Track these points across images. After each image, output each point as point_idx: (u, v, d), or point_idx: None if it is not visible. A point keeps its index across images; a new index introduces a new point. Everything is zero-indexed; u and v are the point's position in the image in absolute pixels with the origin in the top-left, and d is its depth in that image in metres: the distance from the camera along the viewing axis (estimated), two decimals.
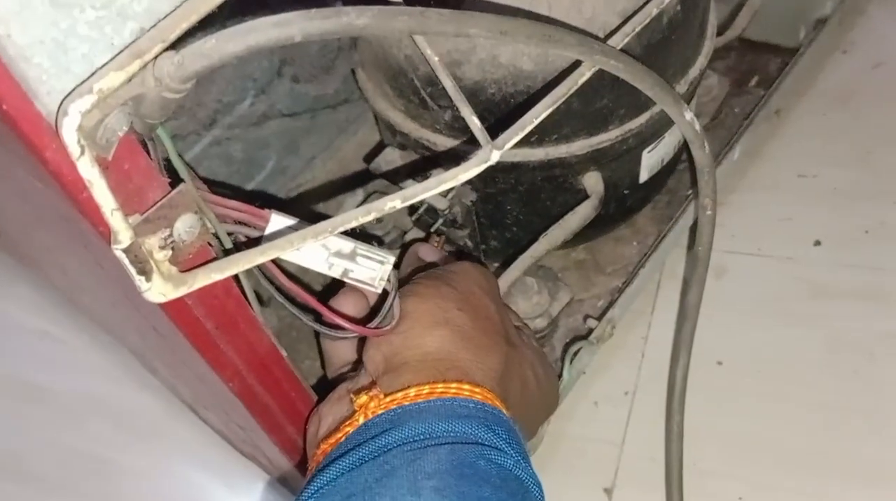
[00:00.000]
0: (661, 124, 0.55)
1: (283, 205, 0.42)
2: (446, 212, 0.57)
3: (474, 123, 0.37)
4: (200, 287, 0.35)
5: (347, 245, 0.41)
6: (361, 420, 0.39)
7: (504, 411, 0.40)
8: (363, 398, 0.39)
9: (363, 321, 0.45)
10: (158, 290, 0.34)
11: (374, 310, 0.48)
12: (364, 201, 0.66)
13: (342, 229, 0.35)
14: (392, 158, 0.58)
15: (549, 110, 0.39)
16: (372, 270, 0.41)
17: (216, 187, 0.38)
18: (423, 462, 0.35)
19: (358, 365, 0.46)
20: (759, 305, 0.65)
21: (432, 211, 0.57)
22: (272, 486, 0.63)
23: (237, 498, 0.65)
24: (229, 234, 0.38)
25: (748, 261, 0.68)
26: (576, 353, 0.56)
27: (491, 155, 0.37)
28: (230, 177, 0.66)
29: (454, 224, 0.59)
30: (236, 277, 0.40)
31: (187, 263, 0.35)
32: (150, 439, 0.69)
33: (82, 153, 0.29)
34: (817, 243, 0.68)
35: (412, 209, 0.59)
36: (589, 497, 0.58)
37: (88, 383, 0.73)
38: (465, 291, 0.45)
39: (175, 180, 0.35)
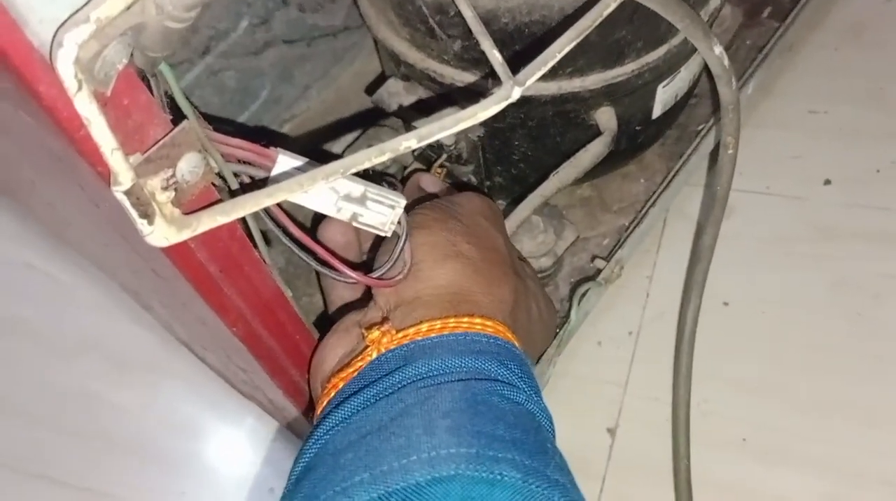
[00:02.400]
0: (679, 58, 0.52)
1: (288, 144, 0.39)
2: (452, 147, 0.55)
3: (495, 57, 0.35)
4: (205, 230, 0.33)
5: (357, 188, 0.39)
6: (374, 355, 0.38)
7: (516, 344, 0.39)
8: (375, 333, 0.38)
9: (369, 267, 0.43)
10: (161, 234, 0.32)
11: (374, 250, 0.46)
12: (359, 137, 0.64)
13: (353, 171, 0.33)
14: (395, 90, 0.55)
15: (574, 43, 0.37)
16: (382, 214, 0.39)
17: (212, 121, 0.36)
18: (438, 400, 0.34)
19: (362, 302, 0.44)
20: (766, 245, 0.64)
21: (436, 145, 0.55)
22: (261, 418, 0.62)
23: (227, 430, 0.65)
24: (235, 175, 0.36)
25: (756, 200, 0.66)
26: (584, 294, 0.55)
27: (512, 91, 0.35)
28: (223, 108, 0.63)
29: (459, 159, 0.57)
30: (242, 218, 0.38)
31: (190, 205, 0.33)
32: (141, 373, 0.68)
33: (79, 88, 0.26)
34: (827, 182, 0.66)
35: None
36: (592, 437, 0.58)
37: (77, 317, 0.72)
38: (471, 223, 0.44)
39: (176, 117, 0.33)
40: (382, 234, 0.39)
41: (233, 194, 0.37)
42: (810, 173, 0.67)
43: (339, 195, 0.38)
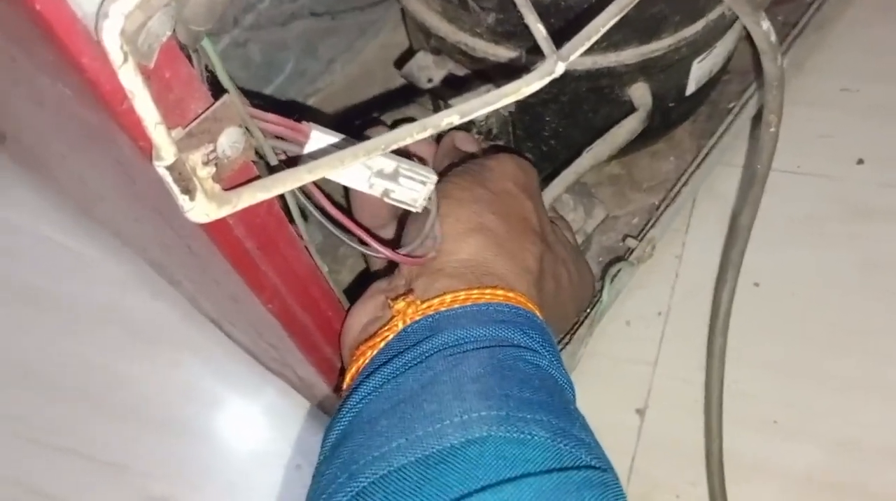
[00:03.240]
0: (716, 32, 0.51)
1: (317, 118, 0.39)
2: (482, 122, 0.54)
3: (539, 31, 0.34)
4: (245, 207, 0.32)
5: (390, 164, 0.38)
6: (400, 326, 0.38)
7: (538, 313, 0.40)
8: (401, 303, 0.39)
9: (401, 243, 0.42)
10: (202, 210, 0.31)
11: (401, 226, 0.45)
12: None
13: (395, 147, 0.33)
14: (426, 63, 0.54)
15: (618, 17, 0.36)
16: (413, 190, 0.39)
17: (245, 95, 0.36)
18: (466, 367, 0.35)
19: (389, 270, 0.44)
20: (797, 225, 0.63)
21: (467, 121, 0.54)
22: (287, 395, 0.62)
23: (251, 406, 0.65)
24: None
25: (787, 179, 0.65)
26: (616, 274, 0.54)
27: (556, 67, 0.34)
28: (249, 82, 0.63)
29: (489, 135, 0.56)
30: (280, 195, 0.38)
31: (230, 180, 0.33)
32: (163, 347, 0.68)
33: (125, 60, 0.26)
34: (860, 162, 0.65)
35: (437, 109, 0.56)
36: (622, 417, 0.57)
37: (99, 291, 0.72)
38: (499, 190, 0.43)
39: (214, 92, 0.32)
40: (414, 210, 0.39)
41: (271, 170, 0.36)
42: (842, 152, 0.66)
43: (371, 171, 0.38)
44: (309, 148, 0.37)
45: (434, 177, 0.39)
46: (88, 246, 0.72)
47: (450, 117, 0.33)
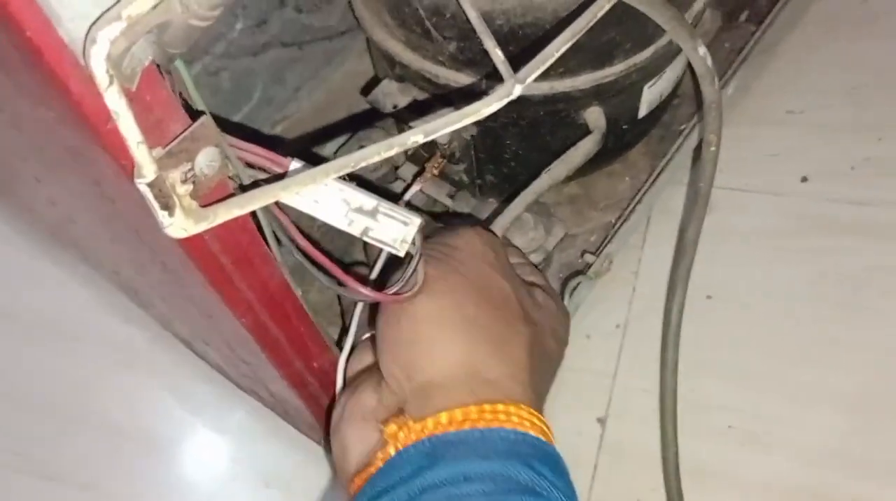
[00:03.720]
0: (665, 59, 0.54)
1: (300, 154, 0.40)
2: (445, 146, 0.57)
3: (497, 56, 0.37)
4: (221, 222, 0.34)
5: (369, 201, 0.38)
6: (392, 452, 0.37)
7: (546, 435, 0.37)
8: (392, 427, 0.37)
9: (381, 286, 0.42)
10: (180, 225, 0.33)
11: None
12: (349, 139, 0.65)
13: (364, 164, 0.35)
14: (390, 90, 0.57)
15: (570, 42, 0.38)
16: (394, 231, 0.39)
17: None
18: None
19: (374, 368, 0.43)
20: (746, 240, 0.67)
21: (430, 145, 0.57)
22: (255, 413, 0.63)
23: (219, 423, 0.66)
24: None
25: (736, 196, 0.69)
26: (575, 288, 0.57)
27: (514, 89, 0.36)
28: (218, 109, 0.64)
29: (452, 158, 0.58)
30: (254, 216, 0.39)
31: (207, 198, 0.35)
32: (131, 368, 0.68)
33: (110, 83, 0.28)
34: (804, 179, 0.69)
35: None
36: (583, 426, 0.59)
37: (66, 313, 0.72)
38: (475, 275, 0.41)
39: (190, 114, 0.34)
40: (394, 252, 0.38)
41: (244, 190, 0.38)
42: (788, 170, 0.70)
43: (349, 207, 0.38)
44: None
45: (418, 220, 0.38)
46: (56, 269, 0.73)
47: (415, 136, 0.35)
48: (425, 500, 0.33)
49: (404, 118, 0.56)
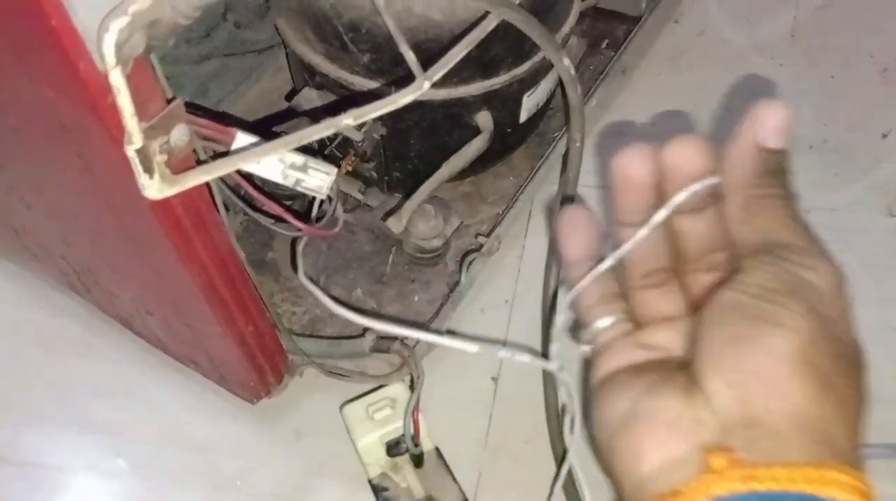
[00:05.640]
0: (540, 72, 0.66)
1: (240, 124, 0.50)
2: (359, 144, 0.66)
3: (411, 58, 0.46)
4: (190, 186, 0.42)
5: (300, 159, 0.49)
6: (713, 493, 0.32)
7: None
8: (720, 460, 0.32)
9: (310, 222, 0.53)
10: (157, 188, 0.41)
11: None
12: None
13: (308, 141, 0.44)
14: (310, 97, 0.66)
15: (467, 50, 0.49)
16: (320, 180, 0.50)
17: None
18: None
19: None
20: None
21: (346, 143, 0.66)
22: (184, 385, 0.69)
23: (158, 395, 0.70)
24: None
25: (597, 194, 0.81)
26: (470, 263, 0.67)
27: (423, 84, 0.46)
28: None
29: (364, 156, 0.68)
30: (208, 186, 0.48)
31: (176, 167, 0.42)
32: (68, 354, 0.72)
33: (116, 64, 0.36)
34: None
35: (322, 144, 0.67)
36: (479, 384, 0.69)
37: None
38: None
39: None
40: (320, 197, 0.50)
41: (200, 163, 0.46)
42: None
43: (285, 164, 0.49)
44: (234, 147, 0.47)
45: (334, 170, 0.49)
46: None
47: (347, 118, 0.44)
48: None
49: (320, 118, 0.65)
